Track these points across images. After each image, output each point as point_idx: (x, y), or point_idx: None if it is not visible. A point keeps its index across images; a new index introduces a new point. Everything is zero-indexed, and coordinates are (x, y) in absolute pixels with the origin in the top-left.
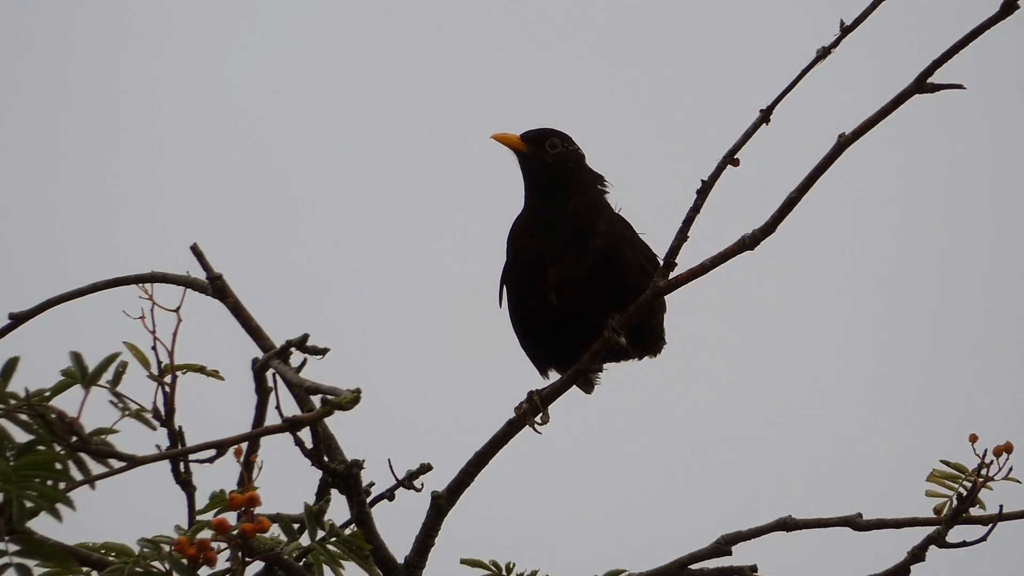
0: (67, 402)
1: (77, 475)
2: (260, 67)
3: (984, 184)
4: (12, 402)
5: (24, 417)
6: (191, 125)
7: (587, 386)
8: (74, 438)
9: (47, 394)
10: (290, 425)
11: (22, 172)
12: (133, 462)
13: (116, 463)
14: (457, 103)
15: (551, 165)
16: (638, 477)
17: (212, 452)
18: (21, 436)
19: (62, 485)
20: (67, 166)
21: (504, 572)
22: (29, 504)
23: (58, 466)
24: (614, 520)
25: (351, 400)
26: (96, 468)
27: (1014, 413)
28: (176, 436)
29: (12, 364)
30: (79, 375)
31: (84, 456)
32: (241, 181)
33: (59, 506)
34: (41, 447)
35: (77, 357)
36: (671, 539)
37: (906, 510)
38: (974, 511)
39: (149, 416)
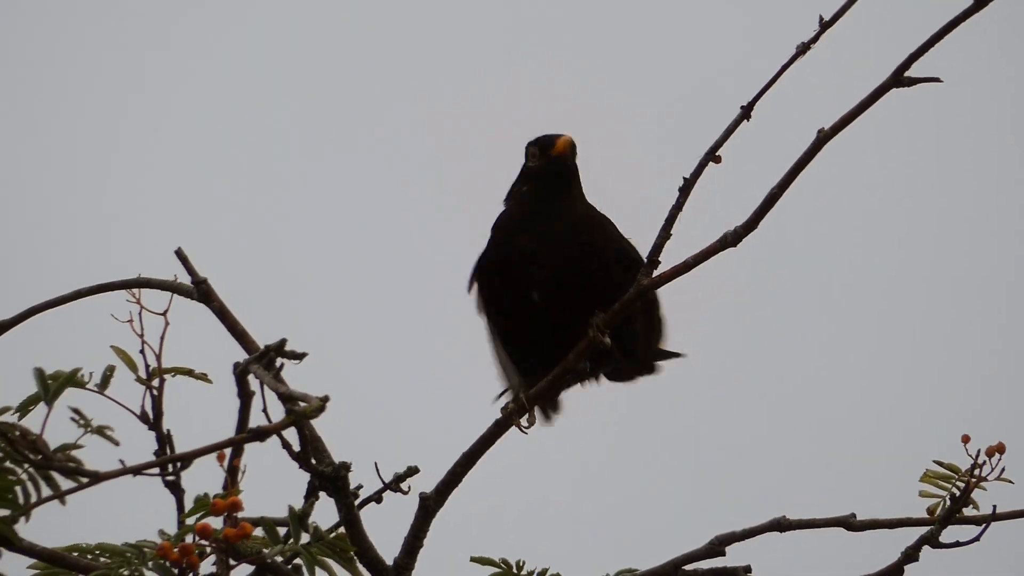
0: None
1: (35, 495)
2: (246, 64)
3: (966, 178)
4: None
5: None
6: (177, 123)
7: (552, 409)
8: (37, 456)
9: (15, 414)
10: (254, 435)
11: (4, 177)
12: (96, 478)
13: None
14: (448, 101)
15: (573, 167)
16: (630, 477)
17: (177, 465)
18: None
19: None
20: (49, 169)
21: (515, 570)
22: None
23: (13, 494)
24: (606, 520)
25: (316, 409)
26: (67, 483)
27: (1006, 414)
28: (164, 440)
29: None
30: (41, 392)
31: (53, 472)
32: (228, 182)
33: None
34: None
35: (40, 374)
36: (664, 539)
37: (900, 510)
38: (968, 511)
39: (111, 433)
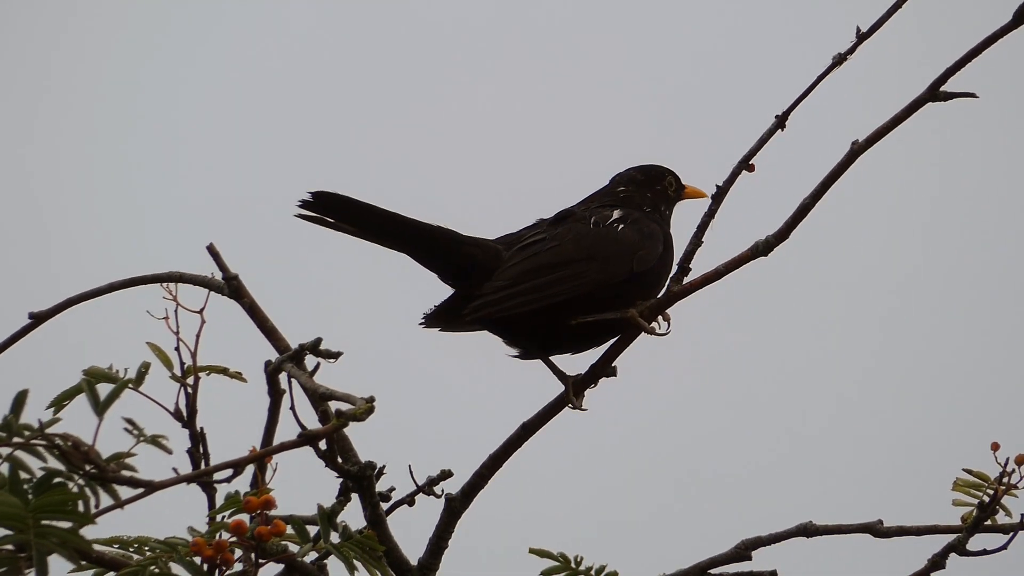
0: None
1: (97, 503)
2: (277, 60)
3: (999, 192)
4: (27, 433)
5: (42, 448)
6: (208, 120)
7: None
8: (91, 466)
9: (49, 408)
10: (305, 440)
11: (40, 172)
12: (151, 487)
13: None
14: (474, 95)
15: None
16: (658, 481)
17: (229, 472)
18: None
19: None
20: (86, 165)
21: (573, 564)
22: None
23: (73, 504)
24: (635, 524)
25: (365, 411)
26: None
27: None
28: (198, 438)
29: (21, 398)
30: (91, 403)
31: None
32: (260, 178)
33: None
34: (59, 479)
35: (90, 385)
36: (691, 544)
37: (927, 517)
38: (998, 519)
39: (165, 442)
